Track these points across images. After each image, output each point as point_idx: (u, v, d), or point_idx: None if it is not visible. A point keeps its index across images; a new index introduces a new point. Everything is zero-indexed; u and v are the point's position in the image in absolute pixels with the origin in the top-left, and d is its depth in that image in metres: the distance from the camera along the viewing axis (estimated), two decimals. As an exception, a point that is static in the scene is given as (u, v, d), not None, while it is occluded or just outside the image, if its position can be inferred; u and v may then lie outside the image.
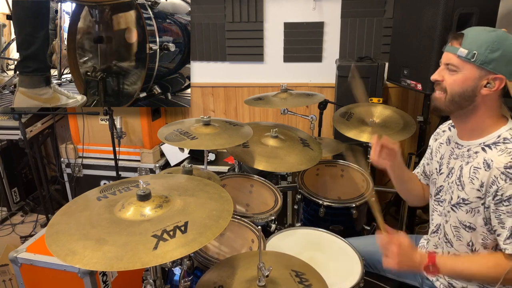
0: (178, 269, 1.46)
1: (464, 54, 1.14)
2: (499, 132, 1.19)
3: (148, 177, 1.39)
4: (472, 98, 1.17)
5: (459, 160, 1.28)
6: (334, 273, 1.38)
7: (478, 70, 1.14)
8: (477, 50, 1.12)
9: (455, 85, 1.18)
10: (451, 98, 1.19)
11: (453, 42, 1.18)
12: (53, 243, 0.97)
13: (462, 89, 1.17)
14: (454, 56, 1.17)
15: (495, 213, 1.15)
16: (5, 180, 3.18)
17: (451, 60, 1.18)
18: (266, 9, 2.92)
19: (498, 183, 1.12)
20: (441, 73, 1.22)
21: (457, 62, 1.16)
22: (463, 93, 1.17)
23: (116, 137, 2.63)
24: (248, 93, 3.12)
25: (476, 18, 2.02)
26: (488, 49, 1.12)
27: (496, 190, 1.12)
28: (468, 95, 1.17)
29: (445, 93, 1.21)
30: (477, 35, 1.15)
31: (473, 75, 1.15)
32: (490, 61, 1.12)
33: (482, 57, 1.12)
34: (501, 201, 1.12)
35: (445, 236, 1.32)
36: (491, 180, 1.14)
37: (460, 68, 1.16)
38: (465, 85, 1.16)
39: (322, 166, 2.15)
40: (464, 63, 1.15)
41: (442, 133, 1.45)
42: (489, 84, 1.15)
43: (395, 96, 2.92)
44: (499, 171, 1.12)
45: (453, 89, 1.18)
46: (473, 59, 1.13)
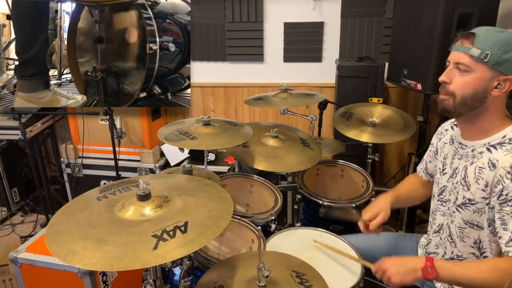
0: (178, 269, 1.46)
1: (477, 54, 1.12)
2: (504, 132, 1.19)
3: (148, 177, 1.39)
4: (483, 99, 1.16)
5: (463, 160, 1.27)
6: (334, 273, 1.38)
7: (491, 70, 1.12)
8: (490, 50, 1.10)
9: (466, 87, 1.16)
10: (461, 101, 1.17)
11: (463, 41, 1.16)
12: (53, 243, 0.97)
13: (474, 90, 1.15)
14: (466, 56, 1.14)
15: (499, 213, 1.14)
16: (5, 180, 3.18)
17: (462, 59, 1.15)
18: (266, 9, 2.92)
19: (503, 183, 1.11)
20: (450, 74, 1.19)
21: (469, 62, 1.14)
22: (475, 95, 1.15)
23: (116, 137, 2.63)
24: (248, 93, 3.12)
25: (476, 18, 2.02)
26: (501, 49, 1.10)
27: (501, 190, 1.12)
28: (479, 97, 1.15)
29: (452, 96, 1.19)
30: (489, 35, 1.13)
31: (485, 76, 1.13)
32: (503, 62, 1.11)
33: (495, 58, 1.10)
34: (506, 201, 1.12)
35: (450, 236, 1.32)
36: (496, 180, 1.13)
37: (472, 68, 1.14)
38: (476, 86, 1.14)
39: (322, 166, 2.15)
40: (476, 63, 1.13)
41: (445, 132, 1.44)
42: (500, 85, 1.14)
43: (395, 96, 2.92)
44: (505, 171, 1.11)
45: (464, 91, 1.16)
46: (486, 60, 1.11)
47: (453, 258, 1.32)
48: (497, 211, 1.15)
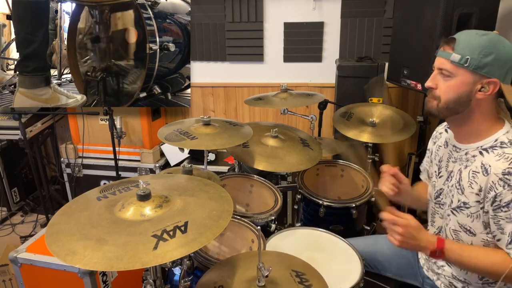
0: (178, 269, 1.46)
1: (457, 59, 1.13)
2: (496, 136, 1.19)
3: (148, 177, 1.39)
4: (467, 103, 1.17)
5: (457, 164, 1.27)
6: (334, 273, 1.38)
7: (472, 74, 1.13)
8: (470, 55, 1.11)
9: (450, 91, 1.17)
10: (445, 105, 1.19)
11: (445, 47, 1.18)
12: (53, 243, 0.97)
13: (457, 94, 1.16)
14: (447, 62, 1.16)
15: (494, 219, 1.14)
16: (5, 180, 3.18)
17: (444, 65, 1.17)
18: (266, 9, 2.92)
19: (496, 189, 1.12)
20: (435, 79, 1.21)
21: (450, 67, 1.15)
22: (458, 99, 1.17)
23: (116, 137, 2.63)
24: (248, 93, 3.12)
25: (476, 18, 2.02)
26: (481, 53, 1.11)
27: (495, 196, 1.12)
28: (463, 100, 1.17)
29: (437, 100, 1.20)
30: (469, 39, 1.14)
31: (467, 80, 1.14)
32: (483, 66, 1.11)
33: (475, 62, 1.11)
34: (500, 207, 1.12)
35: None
36: (489, 186, 1.13)
37: (454, 73, 1.15)
38: (460, 90, 1.16)
39: (322, 166, 2.15)
40: (458, 69, 1.14)
41: (439, 135, 1.45)
42: (484, 88, 1.14)
43: (395, 96, 2.92)
44: (497, 177, 1.11)
45: (448, 96, 1.18)
46: (466, 64, 1.12)
47: None
48: (491, 217, 1.15)
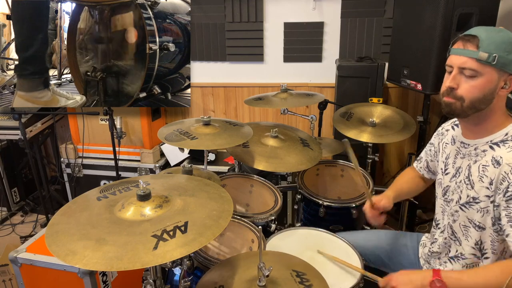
0: (178, 269, 1.47)
1: (485, 58, 1.11)
2: (506, 130, 1.19)
3: (148, 177, 1.39)
4: (490, 100, 1.16)
5: (466, 159, 1.27)
6: (334, 273, 1.38)
7: (498, 72, 1.13)
8: (497, 53, 1.10)
9: (474, 91, 1.15)
10: (471, 105, 1.16)
11: (466, 45, 1.14)
12: (53, 243, 0.97)
13: (483, 93, 1.15)
14: (472, 60, 1.13)
15: (506, 210, 1.13)
16: (5, 180, 3.18)
17: (468, 64, 1.14)
18: (266, 9, 2.92)
19: (509, 179, 1.12)
20: (456, 79, 1.18)
21: (476, 66, 1.13)
22: (484, 97, 1.15)
23: (116, 137, 2.63)
24: (248, 93, 3.12)
25: (476, 18, 2.02)
26: (506, 50, 1.10)
27: (507, 186, 1.12)
28: (487, 99, 1.16)
29: (460, 100, 1.18)
30: (492, 36, 1.12)
31: (492, 78, 1.13)
32: (509, 63, 1.11)
33: (502, 60, 1.10)
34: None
35: (454, 234, 1.32)
36: (502, 177, 1.13)
37: (480, 72, 1.13)
38: (485, 89, 1.14)
39: (322, 166, 2.15)
40: (484, 67, 1.12)
41: (445, 132, 1.44)
42: (506, 85, 1.15)
43: (395, 96, 2.92)
44: (510, 167, 1.12)
45: (473, 95, 1.15)
46: (494, 62, 1.11)
47: (457, 256, 1.32)
48: (503, 209, 1.14)
